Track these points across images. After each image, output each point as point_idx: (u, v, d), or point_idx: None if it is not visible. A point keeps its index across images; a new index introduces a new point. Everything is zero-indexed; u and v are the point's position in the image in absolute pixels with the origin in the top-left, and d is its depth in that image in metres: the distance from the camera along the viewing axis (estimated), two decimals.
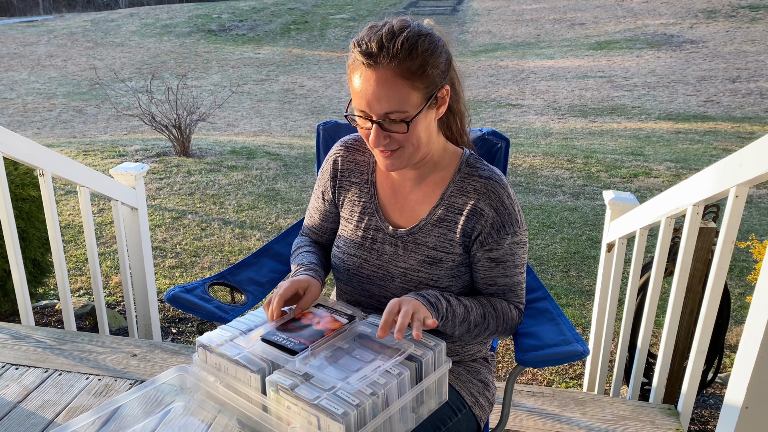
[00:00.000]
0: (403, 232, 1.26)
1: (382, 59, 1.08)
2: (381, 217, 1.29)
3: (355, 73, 1.12)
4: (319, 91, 12.89)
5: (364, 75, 1.10)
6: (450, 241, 1.23)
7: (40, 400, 1.77)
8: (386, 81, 1.08)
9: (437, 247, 1.24)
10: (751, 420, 1.36)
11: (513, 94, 11.97)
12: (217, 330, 1.16)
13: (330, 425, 0.94)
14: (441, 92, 1.15)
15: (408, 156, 1.18)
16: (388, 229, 1.28)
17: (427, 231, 1.25)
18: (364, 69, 1.10)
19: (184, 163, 6.03)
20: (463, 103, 1.28)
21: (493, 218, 1.21)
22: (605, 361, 2.33)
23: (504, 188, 1.22)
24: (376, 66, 1.08)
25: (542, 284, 1.49)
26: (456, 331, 1.20)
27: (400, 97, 1.09)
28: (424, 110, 1.13)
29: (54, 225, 2.23)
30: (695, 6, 18.78)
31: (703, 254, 1.90)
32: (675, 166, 6.48)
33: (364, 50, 1.09)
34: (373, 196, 1.31)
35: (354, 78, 1.12)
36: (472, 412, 1.25)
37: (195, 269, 3.87)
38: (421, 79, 1.10)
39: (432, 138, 1.21)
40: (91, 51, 17.28)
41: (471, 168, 1.25)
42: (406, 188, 1.29)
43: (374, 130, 1.12)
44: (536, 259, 4.14)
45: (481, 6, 22.13)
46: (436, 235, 1.24)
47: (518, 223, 1.23)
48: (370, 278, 1.28)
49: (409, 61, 1.08)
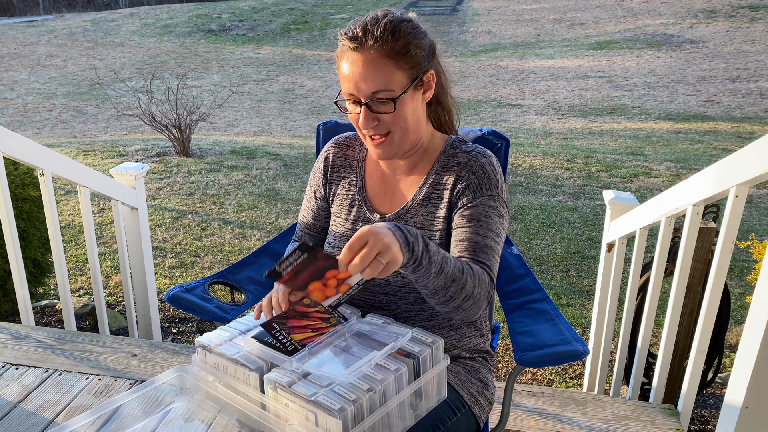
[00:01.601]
0: (391, 217, 1.28)
1: (367, 41, 1.13)
2: (369, 208, 1.31)
3: (343, 59, 1.17)
4: (319, 91, 12.89)
5: (351, 58, 1.15)
6: (436, 217, 1.25)
7: (40, 400, 1.77)
8: (372, 61, 1.13)
9: (424, 226, 1.25)
10: (751, 420, 1.36)
11: (513, 94, 11.96)
12: (217, 330, 1.16)
13: (327, 421, 0.94)
14: (426, 76, 1.20)
15: (398, 142, 1.20)
16: (375, 218, 1.29)
17: (414, 212, 1.27)
18: (351, 53, 1.15)
19: (184, 163, 6.03)
20: (452, 98, 1.32)
21: (472, 180, 1.22)
22: (605, 361, 2.33)
23: (486, 158, 1.24)
24: (361, 48, 1.14)
25: (541, 286, 1.49)
26: (430, 282, 1.07)
27: (385, 76, 1.14)
28: (410, 91, 1.17)
29: (54, 225, 2.23)
30: (695, 6, 18.77)
31: (703, 254, 1.90)
32: (675, 166, 6.48)
33: (349, 36, 1.15)
34: (362, 188, 1.33)
35: (342, 65, 1.18)
36: (472, 411, 1.25)
37: (195, 269, 3.87)
38: (405, 59, 1.15)
39: (420, 125, 1.24)
40: (91, 51, 17.27)
41: (455, 148, 1.28)
42: (396, 177, 1.32)
43: (363, 112, 1.16)
44: (536, 259, 4.14)
45: (481, 6, 22.12)
46: (423, 214, 1.26)
47: (497, 189, 1.23)
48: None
49: (393, 42, 1.14)
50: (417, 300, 1.25)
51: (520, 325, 1.36)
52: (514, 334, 1.32)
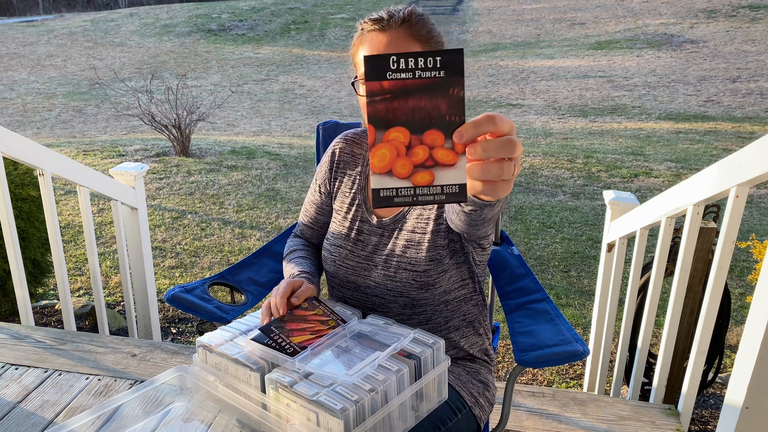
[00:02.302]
0: (387, 221, 1.27)
1: (393, 23, 1.13)
2: (367, 209, 1.30)
3: (363, 43, 1.16)
4: (319, 91, 12.89)
5: (375, 39, 1.14)
6: (426, 219, 1.24)
7: (39, 400, 1.77)
8: (398, 40, 1.13)
9: (415, 229, 1.25)
10: (752, 420, 1.36)
11: (513, 94, 11.97)
12: (217, 330, 1.16)
13: (329, 421, 0.94)
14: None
15: None
16: (373, 219, 1.29)
17: (409, 216, 1.26)
18: (375, 34, 1.14)
19: (184, 163, 6.03)
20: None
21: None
22: (605, 361, 2.33)
23: None
24: (387, 28, 1.13)
25: (541, 286, 1.49)
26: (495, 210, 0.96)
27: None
28: None
29: (54, 225, 2.23)
30: (695, 6, 18.78)
31: (704, 254, 1.90)
32: (675, 166, 6.48)
33: (374, 18, 1.14)
34: (363, 188, 1.33)
35: (362, 49, 1.16)
36: (472, 412, 1.25)
37: (195, 269, 3.87)
38: (429, 44, 1.15)
39: None
40: (91, 51, 17.28)
41: None
42: None
43: None
44: (536, 259, 4.14)
45: (481, 6, 22.12)
46: (414, 218, 1.25)
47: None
48: (355, 269, 1.29)
49: (419, 26, 1.14)
50: (407, 304, 1.25)
51: (521, 325, 1.36)
52: (515, 335, 1.32)
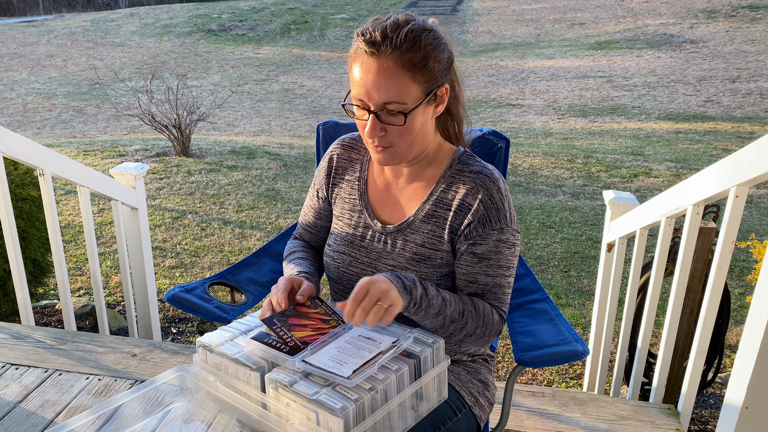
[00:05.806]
0: (392, 229, 1.25)
1: (385, 48, 1.08)
2: (370, 214, 1.28)
3: (357, 62, 1.12)
4: (319, 91, 12.89)
5: (366, 64, 1.10)
6: (438, 237, 1.21)
7: (40, 400, 1.77)
8: (387, 70, 1.08)
9: (425, 244, 1.22)
10: (751, 420, 1.36)
11: (513, 94, 11.97)
12: (218, 330, 1.16)
13: (329, 420, 0.94)
14: (441, 90, 1.15)
15: (402, 153, 1.17)
16: (376, 226, 1.27)
17: (416, 228, 1.23)
18: (366, 58, 1.10)
19: (184, 163, 6.03)
20: (463, 106, 1.27)
21: (480, 212, 1.18)
22: (605, 361, 2.33)
23: (494, 182, 1.19)
24: (378, 55, 1.08)
25: (541, 286, 1.49)
26: (429, 322, 1.14)
27: (399, 88, 1.09)
28: (423, 105, 1.12)
29: (54, 225, 2.23)
30: (695, 6, 18.77)
31: (703, 254, 1.90)
32: (675, 166, 6.48)
33: (367, 39, 1.09)
34: (364, 193, 1.31)
35: (355, 67, 1.12)
36: (472, 412, 1.25)
37: (195, 269, 3.87)
38: (422, 72, 1.10)
39: (428, 136, 1.20)
40: (91, 51, 17.27)
41: (462, 164, 1.23)
42: (399, 185, 1.28)
43: (371, 120, 1.12)
44: (536, 259, 4.14)
45: (481, 6, 22.12)
46: (425, 232, 1.22)
47: (507, 220, 1.18)
48: (359, 276, 1.26)
49: (412, 53, 1.08)
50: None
51: (520, 325, 1.36)
52: (514, 334, 1.32)
